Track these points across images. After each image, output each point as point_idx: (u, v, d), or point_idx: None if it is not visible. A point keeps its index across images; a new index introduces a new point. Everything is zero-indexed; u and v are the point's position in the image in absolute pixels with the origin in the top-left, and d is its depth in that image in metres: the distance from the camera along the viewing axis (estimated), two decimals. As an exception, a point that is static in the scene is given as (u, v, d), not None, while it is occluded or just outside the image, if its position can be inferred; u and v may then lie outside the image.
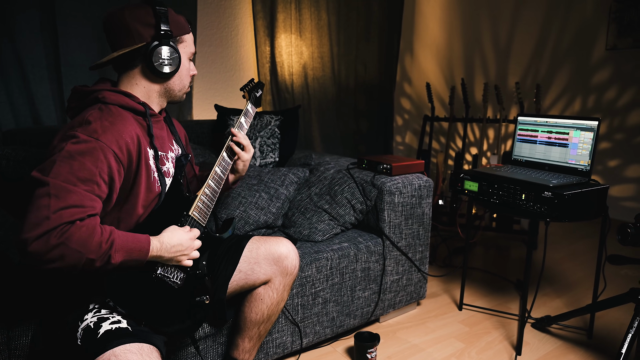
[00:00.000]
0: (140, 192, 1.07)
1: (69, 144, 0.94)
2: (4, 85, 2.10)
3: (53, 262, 0.87)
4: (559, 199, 1.46)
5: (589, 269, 2.45)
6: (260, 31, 2.93)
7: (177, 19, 1.11)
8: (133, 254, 0.96)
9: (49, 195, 0.88)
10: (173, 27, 1.09)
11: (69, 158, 0.92)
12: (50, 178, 0.89)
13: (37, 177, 0.90)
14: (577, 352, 1.70)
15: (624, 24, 3.19)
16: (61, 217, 0.87)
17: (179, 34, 1.12)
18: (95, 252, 0.90)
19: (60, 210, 0.87)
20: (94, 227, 0.91)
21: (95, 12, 2.31)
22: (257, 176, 1.89)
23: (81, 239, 0.88)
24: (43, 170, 0.91)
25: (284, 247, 1.31)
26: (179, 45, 1.12)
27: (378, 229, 1.80)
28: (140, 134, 1.07)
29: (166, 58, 1.08)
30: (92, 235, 0.90)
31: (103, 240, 0.91)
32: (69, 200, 0.89)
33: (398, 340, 1.79)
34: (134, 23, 1.06)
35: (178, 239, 1.06)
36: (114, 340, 0.95)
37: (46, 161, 0.93)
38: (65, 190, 0.89)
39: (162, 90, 1.15)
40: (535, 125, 1.84)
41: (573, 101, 3.47)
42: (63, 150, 0.93)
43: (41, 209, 0.87)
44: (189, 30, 1.16)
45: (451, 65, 4.06)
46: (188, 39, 1.15)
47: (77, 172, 0.92)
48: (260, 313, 1.31)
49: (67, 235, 0.87)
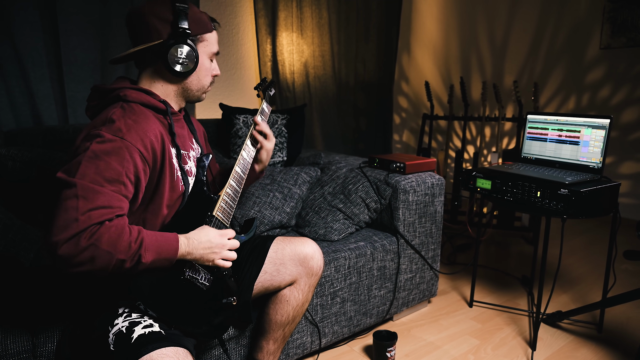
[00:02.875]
0: (164, 191, 1.05)
1: (94, 143, 0.91)
2: (4, 84, 2.03)
3: (83, 264, 0.85)
4: (575, 195, 1.48)
5: (591, 264, 2.50)
6: (262, 29, 2.91)
7: (198, 17, 1.08)
8: (162, 252, 0.94)
9: (76, 197, 0.86)
10: (193, 25, 1.06)
11: (95, 158, 0.90)
12: (77, 179, 0.87)
13: (63, 178, 0.88)
14: (589, 346, 1.73)
15: (617, 23, 3.26)
16: (90, 219, 0.85)
17: (199, 33, 1.08)
18: (125, 252, 0.88)
19: (88, 212, 0.85)
20: (122, 227, 0.89)
21: (97, 10, 2.25)
22: (269, 175, 1.87)
23: (111, 239, 0.86)
24: (69, 171, 0.89)
25: (310, 248, 1.30)
26: (198, 44, 1.09)
27: (392, 227, 1.80)
28: (163, 132, 1.05)
29: (182, 57, 1.05)
30: (121, 235, 0.88)
31: (132, 240, 0.89)
32: (96, 202, 0.87)
33: (413, 338, 1.80)
34: (152, 19, 1.03)
35: (207, 237, 1.03)
36: (149, 345, 0.93)
37: (71, 162, 0.91)
38: (93, 191, 0.87)
39: (180, 89, 1.12)
40: (545, 123, 1.86)
41: (568, 99, 3.53)
42: (88, 150, 0.90)
43: (69, 210, 0.85)
44: (211, 29, 1.12)
45: (448, 64, 4.09)
46: (210, 38, 1.12)
47: (104, 172, 0.90)
48: (286, 315, 1.30)
49: (96, 237, 0.85)
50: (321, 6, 3.14)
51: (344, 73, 3.43)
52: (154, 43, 1.03)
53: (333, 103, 3.39)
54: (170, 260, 0.96)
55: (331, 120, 3.40)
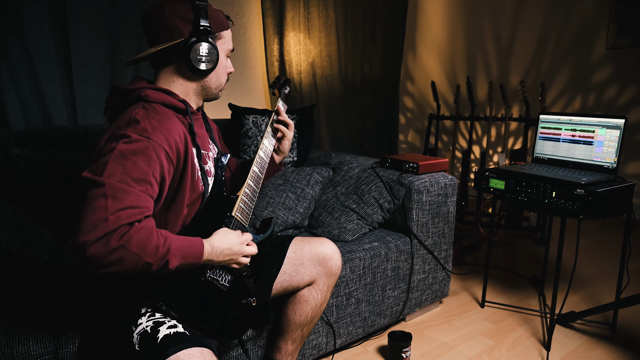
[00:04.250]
0: (186, 191, 1.04)
1: (120, 143, 0.91)
2: (14, 84, 2.02)
3: (112, 265, 0.84)
4: (592, 196, 1.48)
5: (599, 265, 2.50)
6: (270, 29, 2.90)
7: (216, 15, 1.08)
8: (188, 257, 0.94)
9: (105, 196, 0.85)
10: (212, 22, 1.06)
11: (122, 158, 0.89)
12: (105, 178, 0.86)
13: (90, 177, 0.87)
14: (603, 347, 1.73)
15: (623, 23, 3.26)
16: (120, 219, 0.84)
17: (218, 30, 1.08)
18: (153, 255, 0.87)
19: (118, 212, 0.85)
20: (151, 230, 0.89)
21: (106, 10, 2.24)
22: (282, 176, 1.87)
23: (140, 241, 0.85)
24: (95, 170, 0.88)
25: (329, 248, 1.30)
26: (217, 41, 1.09)
27: (406, 227, 1.80)
28: (185, 131, 1.05)
29: (204, 55, 1.04)
30: (150, 238, 0.87)
31: (160, 244, 0.89)
32: (125, 201, 0.86)
33: (427, 338, 1.79)
34: (173, 18, 1.03)
35: (228, 242, 1.03)
36: (175, 345, 0.93)
37: (97, 162, 0.90)
38: (121, 190, 0.87)
39: (199, 87, 1.12)
40: (558, 123, 1.86)
41: (573, 99, 3.53)
42: (115, 150, 0.90)
43: (98, 210, 0.83)
44: (227, 26, 1.13)
45: (453, 64, 4.09)
46: (226, 36, 1.12)
47: (131, 171, 0.89)
48: (305, 315, 1.30)
49: (126, 238, 0.84)
50: (328, 6, 3.14)
51: (350, 73, 3.42)
52: (175, 42, 1.03)
53: (340, 103, 3.38)
54: (194, 265, 0.96)
55: (338, 120, 3.40)
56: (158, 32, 1.04)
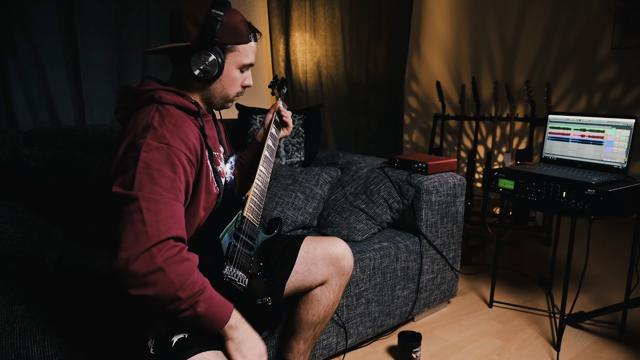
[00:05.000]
0: (202, 194, 1.04)
1: (142, 153, 0.89)
2: (22, 84, 2.03)
3: (147, 286, 0.81)
4: (603, 196, 1.48)
5: (605, 265, 2.50)
6: (276, 29, 2.90)
7: (234, 26, 1.03)
8: (215, 313, 0.90)
9: (140, 210, 0.84)
10: (226, 33, 1.02)
11: (148, 168, 0.88)
12: (136, 192, 0.85)
13: (122, 192, 0.86)
14: (612, 347, 1.73)
15: (629, 23, 3.25)
16: (159, 232, 0.84)
17: (231, 43, 1.04)
18: (187, 291, 0.85)
19: (156, 224, 0.84)
20: (194, 265, 0.88)
21: (114, 10, 2.25)
22: (290, 176, 1.87)
23: (181, 271, 0.84)
24: (124, 184, 0.87)
25: (341, 247, 1.30)
26: (228, 53, 1.05)
27: (415, 227, 1.80)
28: (198, 133, 1.05)
29: (205, 64, 1.01)
30: (191, 272, 0.86)
31: (197, 282, 0.87)
32: (160, 213, 0.86)
33: (436, 338, 1.79)
34: (185, 20, 1.02)
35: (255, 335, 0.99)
36: (191, 349, 0.92)
37: (124, 175, 0.89)
38: (154, 201, 0.86)
39: (203, 95, 1.10)
40: (567, 123, 1.86)
41: (579, 99, 3.52)
42: (139, 162, 0.89)
43: (136, 224, 0.83)
44: (247, 40, 1.07)
45: (458, 64, 4.09)
46: (243, 49, 1.07)
47: (159, 181, 0.89)
48: (317, 314, 1.30)
49: (170, 262, 0.83)
50: (334, 6, 3.14)
51: (355, 73, 3.42)
52: (182, 45, 1.02)
53: (345, 103, 3.38)
54: (217, 325, 0.91)
55: (343, 120, 3.40)
56: (173, 31, 1.04)
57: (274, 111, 1.34)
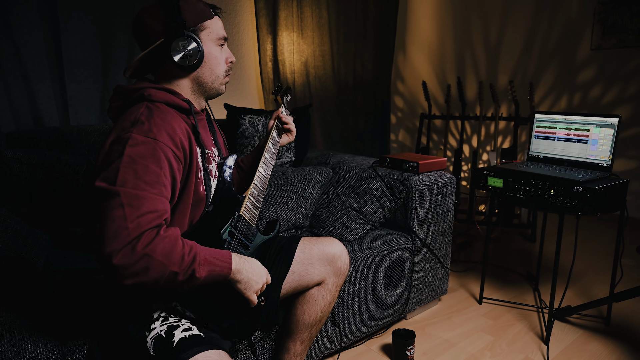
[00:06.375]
0: (190, 191, 1.03)
1: (127, 147, 0.89)
2: (4, 84, 1.96)
3: (137, 274, 0.82)
4: (590, 193, 1.52)
5: (588, 260, 2.57)
6: (263, 29, 2.88)
7: (194, 7, 1.04)
8: (216, 268, 0.92)
9: (122, 206, 0.84)
10: (189, 15, 1.02)
11: (132, 162, 0.88)
12: (119, 187, 0.85)
13: (104, 187, 0.85)
14: (599, 340, 1.78)
15: (607, 25, 3.35)
16: (140, 226, 0.84)
17: (198, 22, 1.04)
18: (178, 264, 0.86)
19: (137, 219, 0.84)
20: (176, 239, 0.88)
21: (98, 8, 2.20)
22: (282, 176, 1.86)
23: (165, 250, 0.84)
24: (107, 179, 0.86)
25: (337, 248, 1.30)
26: (200, 33, 1.05)
27: (407, 226, 1.81)
28: (189, 130, 1.03)
29: (185, 50, 1.00)
30: (175, 246, 0.86)
31: (185, 253, 0.87)
32: (142, 208, 0.85)
33: (429, 336, 1.81)
34: (146, 20, 1.02)
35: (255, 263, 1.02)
36: (192, 348, 0.92)
37: (108, 169, 0.88)
38: (137, 197, 0.86)
39: (193, 85, 1.09)
40: (554, 122, 1.90)
41: (560, 99, 3.61)
42: (124, 156, 0.88)
43: (117, 220, 0.83)
44: (211, 15, 1.07)
45: (443, 64, 4.14)
46: (212, 25, 1.07)
47: (143, 176, 0.88)
48: (314, 315, 1.30)
49: (151, 246, 0.83)
50: (321, 6, 3.14)
51: (343, 73, 3.43)
52: (156, 44, 1.01)
53: (333, 103, 3.39)
54: (224, 277, 0.94)
55: (331, 120, 3.40)
56: (141, 39, 1.04)
57: (275, 116, 1.33)
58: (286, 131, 1.35)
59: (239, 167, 1.35)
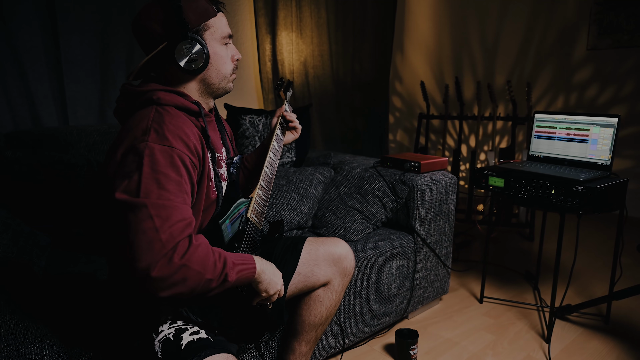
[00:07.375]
0: (202, 196, 1.02)
1: (145, 157, 0.87)
2: (2, 84, 1.95)
3: (175, 285, 0.82)
4: (591, 192, 1.53)
5: (587, 259, 2.58)
6: (262, 29, 2.88)
7: (195, 6, 1.00)
8: (243, 271, 0.93)
9: (150, 217, 0.82)
10: (192, 15, 0.99)
11: (153, 172, 0.86)
12: (143, 198, 0.83)
13: (128, 200, 0.83)
14: (599, 338, 1.79)
15: (603, 25, 3.37)
16: (173, 236, 0.82)
17: (201, 21, 1.00)
18: (212, 271, 0.86)
19: (169, 229, 0.83)
20: (207, 246, 0.88)
21: (97, 8, 2.18)
22: (284, 176, 1.86)
23: (199, 258, 0.84)
24: (129, 192, 0.84)
25: (343, 248, 1.30)
26: (204, 33, 1.01)
27: (409, 226, 1.82)
28: (200, 134, 1.02)
29: (191, 53, 0.98)
30: (207, 254, 0.86)
31: (216, 259, 0.88)
32: (172, 217, 0.84)
33: (431, 335, 1.82)
34: (148, 21, 0.98)
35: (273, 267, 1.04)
36: (200, 352, 0.91)
37: (128, 181, 0.86)
38: (164, 207, 0.84)
39: (200, 86, 1.06)
40: (553, 122, 1.91)
41: (556, 99, 3.63)
42: (144, 167, 0.86)
43: (148, 232, 0.81)
44: (214, 12, 1.03)
45: (440, 64, 4.15)
46: (216, 23, 1.02)
47: (166, 185, 0.86)
48: (320, 315, 1.29)
49: (188, 256, 0.83)
50: (320, 6, 3.14)
51: (341, 73, 3.43)
52: (160, 48, 0.98)
53: (332, 103, 3.39)
54: (249, 279, 0.95)
55: (330, 120, 3.41)
56: (142, 41, 1.01)
57: (279, 114, 1.31)
58: (291, 129, 1.33)
59: (244, 166, 1.34)
